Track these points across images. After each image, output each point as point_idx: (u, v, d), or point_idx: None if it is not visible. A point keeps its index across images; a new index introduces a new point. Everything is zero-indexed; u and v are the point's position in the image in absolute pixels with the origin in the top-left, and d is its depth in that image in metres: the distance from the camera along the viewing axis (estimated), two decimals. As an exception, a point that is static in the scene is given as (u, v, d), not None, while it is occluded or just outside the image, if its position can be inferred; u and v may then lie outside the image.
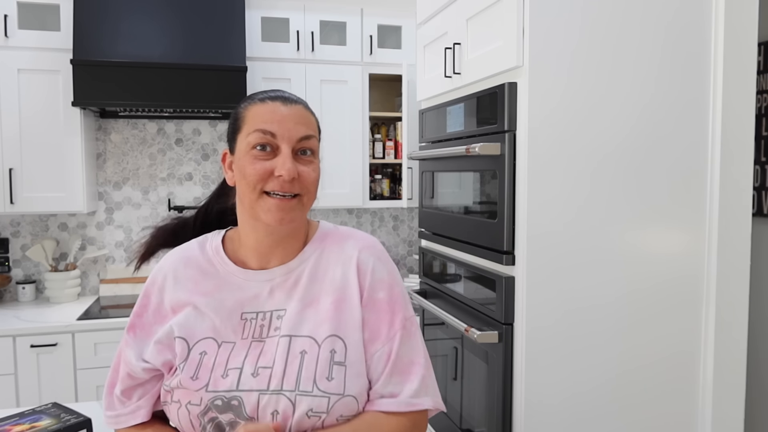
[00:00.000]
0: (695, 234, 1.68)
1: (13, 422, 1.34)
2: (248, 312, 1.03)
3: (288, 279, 1.04)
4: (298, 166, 0.99)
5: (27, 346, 2.58)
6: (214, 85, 2.81)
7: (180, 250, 1.11)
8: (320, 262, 1.06)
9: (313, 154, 1.02)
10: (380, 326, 1.02)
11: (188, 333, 1.01)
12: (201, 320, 1.02)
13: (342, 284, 1.03)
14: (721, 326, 1.67)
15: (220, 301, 1.03)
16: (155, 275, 1.09)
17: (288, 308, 1.02)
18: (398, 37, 3.31)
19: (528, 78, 1.55)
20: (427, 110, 2.17)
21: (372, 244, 1.09)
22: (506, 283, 1.63)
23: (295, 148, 0.99)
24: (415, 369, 1.03)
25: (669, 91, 1.64)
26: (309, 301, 1.02)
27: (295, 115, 1.00)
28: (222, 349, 1.00)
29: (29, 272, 3.13)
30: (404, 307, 1.05)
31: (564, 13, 1.56)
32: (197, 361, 0.99)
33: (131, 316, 1.08)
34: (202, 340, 1.01)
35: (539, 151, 1.57)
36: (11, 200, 2.77)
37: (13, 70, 2.76)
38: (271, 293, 1.03)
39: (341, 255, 1.06)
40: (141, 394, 1.05)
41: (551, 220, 1.58)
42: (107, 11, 2.75)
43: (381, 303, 1.03)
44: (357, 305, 1.02)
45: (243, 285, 1.04)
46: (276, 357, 0.98)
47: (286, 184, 0.97)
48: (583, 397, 1.64)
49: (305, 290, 1.03)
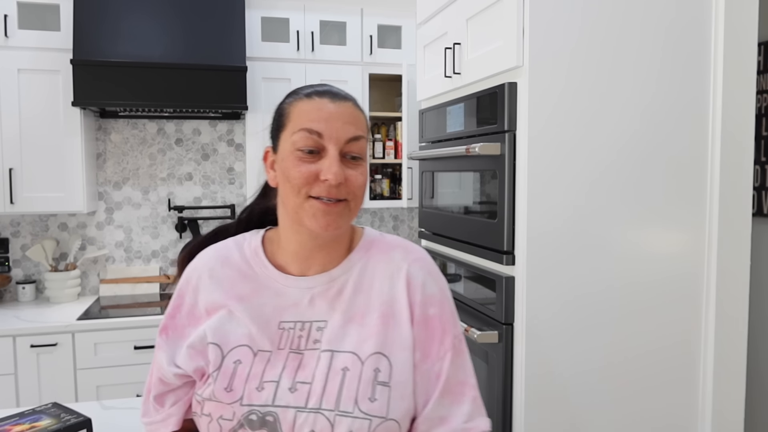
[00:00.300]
0: (695, 234, 1.68)
1: (13, 422, 1.34)
2: (287, 321, 0.95)
3: (330, 288, 0.97)
4: (346, 169, 0.91)
5: (27, 346, 2.58)
6: (214, 85, 2.81)
7: (215, 249, 1.04)
8: (366, 272, 0.98)
9: (362, 157, 0.94)
10: (431, 345, 0.95)
11: (222, 339, 0.94)
12: (236, 326, 0.95)
13: (390, 299, 0.96)
14: (721, 326, 1.67)
15: (257, 306, 0.96)
16: (190, 274, 1.02)
17: (330, 320, 0.95)
18: (398, 37, 3.31)
19: (528, 78, 1.55)
20: (427, 110, 2.17)
21: (422, 256, 1.01)
22: (506, 283, 1.63)
23: (342, 150, 0.91)
24: (467, 390, 0.96)
25: (669, 91, 1.64)
26: (353, 314, 0.95)
27: (343, 114, 0.92)
28: (258, 359, 0.92)
29: (29, 272, 3.13)
30: (454, 324, 0.98)
31: (564, 13, 1.56)
32: (231, 370, 0.92)
33: (164, 317, 1.02)
34: (236, 348, 0.94)
35: (539, 151, 1.57)
36: (11, 200, 2.77)
37: (13, 70, 2.76)
38: (311, 302, 0.96)
39: (389, 266, 0.98)
40: (174, 400, 0.99)
41: (551, 220, 1.58)
42: (107, 11, 2.75)
43: (432, 320, 0.96)
44: (406, 322, 0.94)
45: (282, 291, 0.97)
46: (316, 372, 0.91)
47: (333, 189, 0.90)
48: (584, 398, 1.64)
49: (349, 302, 0.96)
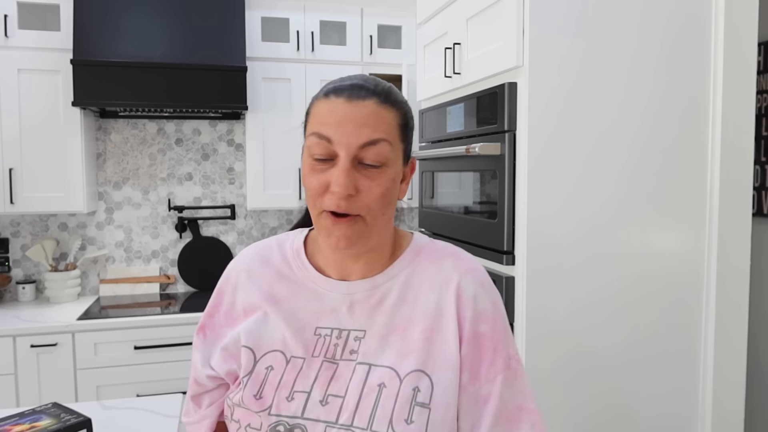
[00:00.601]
0: (695, 234, 1.68)
1: (13, 422, 1.34)
2: (323, 327, 0.89)
3: (372, 296, 0.89)
4: (360, 179, 0.81)
5: (27, 346, 2.58)
6: (214, 85, 2.81)
7: (256, 247, 0.99)
8: (412, 281, 0.90)
9: (381, 164, 0.82)
10: (480, 366, 0.87)
11: (256, 343, 0.89)
12: (271, 329, 0.90)
13: (436, 312, 0.87)
14: (721, 326, 1.67)
15: (293, 310, 0.90)
16: (230, 272, 0.98)
17: (369, 331, 0.88)
18: (398, 37, 3.31)
19: (528, 78, 1.55)
20: (427, 110, 2.17)
21: (475, 267, 0.92)
22: (506, 283, 1.63)
23: (357, 157, 0.81)
24: (524, 415, 0.87)
25: (669, 91, 1.64)
26: (395, 326, 0.87)
27: (358, 115, 0.80)
28: (290, 366, 0.87)
29: (29, 272, 3.13)
30: (507, 343, 0.89)
31: (564, 13, 1.56)
32: (262, 376, 0.87)
33: (203, 316, 0.98)
34: (270, 353, 0.88)
35: (539, 151, 1.57)
36: (11, 200, 2.77)
37: (13, 70, 2.76)
38: (350, 309, 0.89)
39: (438, 277, 0.90)
40: (209, 401, 0.96)
41: (551, 219, 1.58)
42: (107, 11, 2.75)
43: (483, 338, 0.87)
44: (452, 339, 0.86)
45: (321, 295, 0.91)
46: (350, 386, 0.84)
47: (342, 202, 0.80)
48: (585, 398, 1.64)
49: (391, 313, 0.88)
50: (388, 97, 0.84)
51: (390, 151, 0.82)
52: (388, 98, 0.84)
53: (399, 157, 0.85)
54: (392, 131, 0.83)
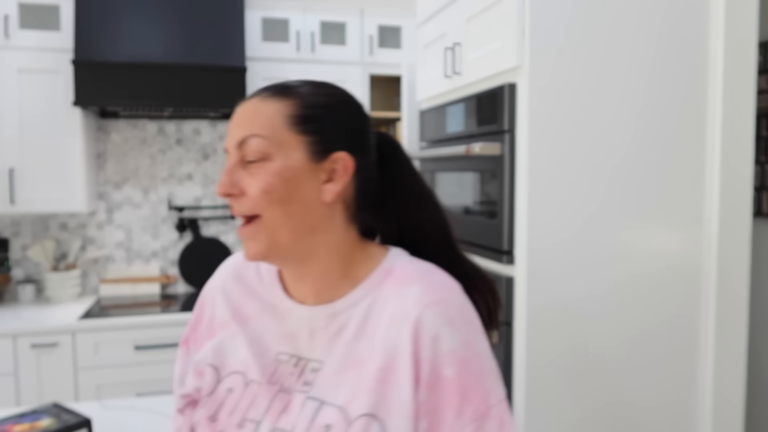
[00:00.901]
0: (695, 234, 1.68)
1: (13, 422, 1.34)
2: (283, 353, 0.83)
3: (331, 324, 0.81)
4: (244, 177, 0.77)
5: (27, 346, 2.58)
6: (214, 85, 2.81)
7: (233, 261, 0.94)
8: (373, 311, 0.79)
9: (260, 159, 0.76)
10: (443, 415, 0.75)
11: (221, 362, 0.85)
12: (236, 349, 0.85)
13: (393, 349, 0.76)
14: (721, 327, 1.67)
15: (259, 331, 0.85)
16: (211, 284, 0.94)
17: (326, 362, 0.80)
18: (398, 37, 3.31)
19: (528, 78, 1.55)
20: (427, 110, 2.17)
21: (443, 299, 0.77)
22: (506, 283, 1.63)
23: (241, 156, 0.78)
24: None
25: (669, 91, 1.64)
26: (351, 361, 0.78)
27: (240, 115, 0.78)
28: (247, 392, 0.82)
29: (29, 272, 3.13)
30: (484, 389, 0.76)
31: (564, 13, 1.56)
32: (221, 398, 0.83)
33: (186, 328, 0.95)
34: (231, 375, 0.84)
35: (539, 151, 1.57)
36: (11, 200, 2.77)
37: (14, 70, 2.77)
38: (311, 336, 0.82)
39: (398, 308, 0.78)
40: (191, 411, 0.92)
41: (551, 219, 1.58)
42: (108, 11, 2.75)
43: (447, 383, 0.75)
44: (407, 382, 0.75)
45: (285, 318, 0.84)
46: (298, 422, 0.77)
47: (234, 204, 0.77)
48: (585, 398, 1.64)
49: (349, 346, 0.79)
50: (280, 90, 0.79)
51: (267, 145, 0.76)
52: (279, 91, 0.79)
53: (290, 150, 0.76)
54: (271, 124, 0.77)
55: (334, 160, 0.78)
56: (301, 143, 0.77)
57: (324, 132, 0.78)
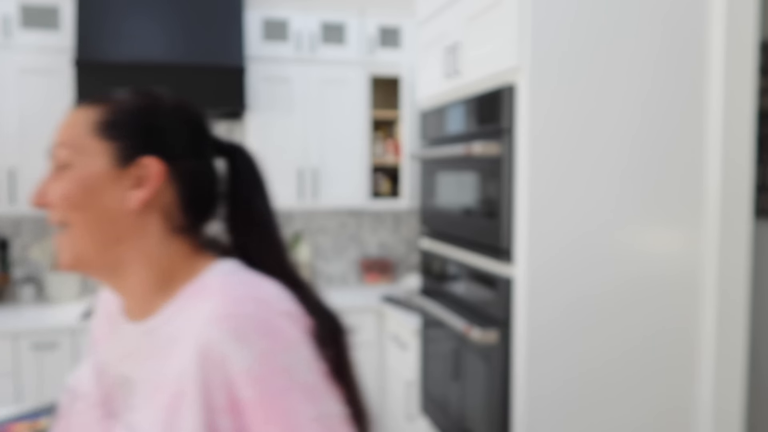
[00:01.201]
0: (695, 234, 1.68)
1: (13, 422, 1.34)
2: (118, 375, 0.78)
3: (149, 343, 0.75)
4: (51, 185, 0.74)
5: (27, 345, 2.58)
6: (213, 85, 2.81)
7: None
8: (176, 330, 0.73)
9: (64, 166, 0.73)
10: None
11: (76, 384, 0.82)
12: (86, 371, 0.82)
13: (182, 373, 0.69)
14: (721, 327, 1.67)
15: (104, 350, 0.81)
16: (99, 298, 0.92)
17: (142, 386, 0.74)
18: (398, 37, 3.31)
19: (528, 78, 1.55)
20: (427, 110, 2.18)
21: (234, 312, 0.68)
22: (506, 283, 1.63)
23: (52, 166, 0.76)
24: None
25: (669, 91, 1.64)
26: (157, 385, 0.71)
27: (58, 125, 0.78)
28: (85, 416, 0.78)
29: (30, 272, 3.13)
30: (288, 409, 0.67)
31: (564, 13, 1.56)
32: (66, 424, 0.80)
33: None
34: (81, 397, 0.81)
35: (539, 151, 1.57)
36: (11, 200, 2.77)
37: (14, 70, 2.77)
38: (137, 356, 0.76)
39: (192, 326, 0.71)
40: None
41: (551, 219, 1.58)
42: (108, 12, 2.75)
43: (249, 405, 0.67)
44: (195, 410, 0.67)
45: (120, 335, 0.80)
46: None
47: (48, 212, 0.75)
48: (584, 398, 1.64)
49: (157, 368, 0.72)
50: (98, 99, 0.77)
51: (69, 153, 0.73)
52: (97, 99, 0.77)
53: (92, 157, 0.73)
54: (76, 131, 0.74)
55: (141, 166, 0.73)
56: (105, 149, 0.73)
57: (130, 138, 0.74)
